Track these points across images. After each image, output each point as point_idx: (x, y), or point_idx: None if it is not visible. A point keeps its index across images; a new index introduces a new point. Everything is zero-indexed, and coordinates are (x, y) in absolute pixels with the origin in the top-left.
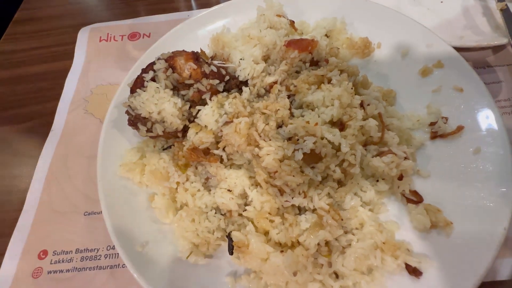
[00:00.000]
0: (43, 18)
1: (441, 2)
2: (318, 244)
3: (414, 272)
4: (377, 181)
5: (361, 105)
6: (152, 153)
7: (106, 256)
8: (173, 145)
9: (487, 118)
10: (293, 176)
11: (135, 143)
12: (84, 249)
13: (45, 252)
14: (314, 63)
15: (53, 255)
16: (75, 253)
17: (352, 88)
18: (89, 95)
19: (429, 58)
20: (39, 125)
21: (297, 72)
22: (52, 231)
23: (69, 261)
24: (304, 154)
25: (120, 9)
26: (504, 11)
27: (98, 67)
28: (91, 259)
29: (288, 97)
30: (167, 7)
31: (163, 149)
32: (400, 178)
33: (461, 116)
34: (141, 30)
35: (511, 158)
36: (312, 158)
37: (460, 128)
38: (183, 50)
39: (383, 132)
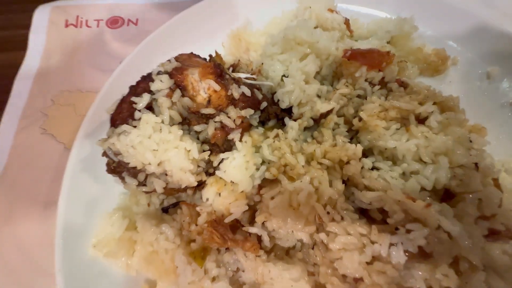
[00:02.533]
0: None
1: None
2: None
3: None
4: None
5: (476, 166)
6: (145, 220)
7: None
8: (179, 203)
9: None
10: None
11: (116, 195)
12: None
13: None
14: (383, 85)
15: None
16: None
17: (469, 140)
18: (49, 106)
19: None
20: None
21: (359, 96)
22: None
23: None
24: (408, 253)
25: None
26: None
27: (63, 64)
28: None
29: (348, 133)
30: None
31: (163, 210)
32: None
33: None
34: (125, 15)
35: None
36: (419, 257)
37: None
38: (192, 53)
39: (501, 203)
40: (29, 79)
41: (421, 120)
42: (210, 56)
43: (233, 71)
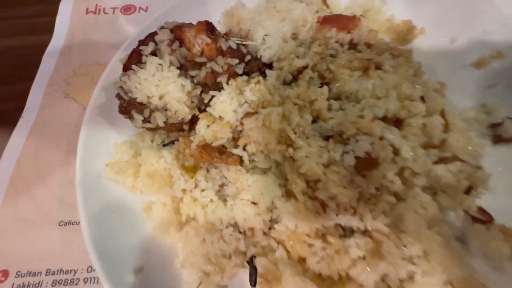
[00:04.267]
0: None
1: None
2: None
3: None
4: (435, 193)
5: (422, 98)
6: (149, 149)
7: (86, 280)
8: (177, 140)
9: None
10: (343, 187)
11: (126, 136)
12: (58, 271)
13: (5, 273)
14: (353, 47)
15: (16, 277)
16: (46, 275)
17: (414, 76)
18: (71, 76)
19: (486, 46)
20: (6, 110)
21: (332, 56)
22: (16, 246)
23: (37, 286)
24: (357, 158)
25: None
26: None
27: (84, 43)
28: (66, 283)
29: (321, 85)
30: None
31: (164, 145)
32: (467, 192)
33: None
34: (137, 3)
35: None
36: (366, 164)
37: None
38: (190, 23)
39: (447, 133)
40: (55, 55)
41: (379, 67)
42: (206, 20)
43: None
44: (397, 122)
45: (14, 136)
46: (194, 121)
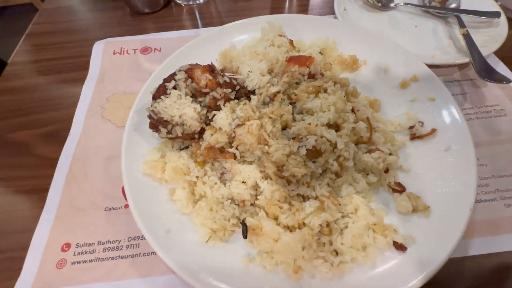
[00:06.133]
0: (56, 32)
1: (415, 27)
2: (321, 225)
3: (401, 247)
4: (367, 174)
5: (352, 110)
6: (171, 152)
7: (127, 246)
8: (191, 145)
9: (454, 122)
10: (299, 168)
11: (154, 143)
12: (106, 241)
13: (68, 245)
14: (311, 76)
15: (76, 247)
16: (97, 245)
17: (345, 97)
18: (105, 103)
19: (406, 73)
20: (58, 129)
21: (297, 83)
22: (74, 226)
23: (91, 252)
24: (307, 150)
25: (131, 25)
26: (465, 36)
27: (113, 77)
28: (113, 249)
29: (290, 104)
30: (175, 25)
31: (181, 149)
32: (386, 171)
33: (434, 120)
34: (152, 45)
35: (473, 154)
36: (314, 153)
37: (433, 130)
38: (197, 63)
39: (371, 133)
40: (91, 87)
41: (325, 91)
42: (209, 64)
43: (222, 72)
44: (336, 127)
45: (66, 148)
46: (202, 131)
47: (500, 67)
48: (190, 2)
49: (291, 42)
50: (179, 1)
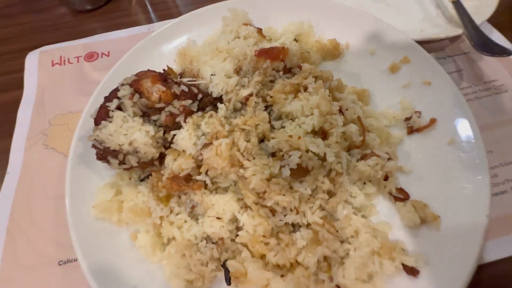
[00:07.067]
0: None
1: None
2: (317, 261)
3: (412, 271)
4: (364, 183)
5: (340, 110)
6: (128, 187)
7: None
8: (151, 174)
9: (456, 109)
10: (283, 194)
11: (107, 177)
12: None
13: None
14: (288, 70)
15: None
16: None
17: (329, 95)
18: (48, 128)
19: (395, 54)
20: None
21: (272, 81)
22: None
23: None
24: (291, 170)
25: (72, 27)
26: (455, 3)
27: (54, 95)
28: None
29: (266, 108)
30: (124, 22)
31: (141, 180)
32: (386, 178)
33: (433, 108)
34: (99, 49)
35: (482, 146)
36: (300, 172)
37: (433, 121)
38: (148, 70)
39: (364, 135)
40: (29, 110)
41: (306, 89)
42: (164, 70)
43: (180, 77)
44: (323, 134)
45: (4, 191)
46: (162, 156)
47: (495, 36)
48: None
49: (259, 31)
50: None
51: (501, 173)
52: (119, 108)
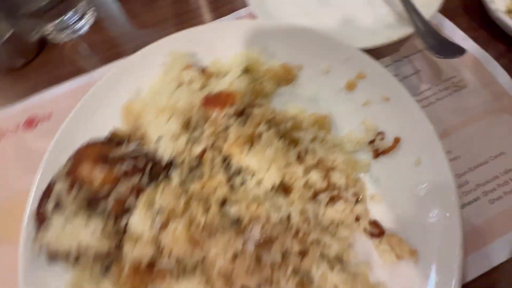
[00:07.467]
0: None
1: None
2: None
3: None
4: (337, 225)
5: (299, 156)
6: (90, 284)
7: None
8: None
9: (417, 125)
10: (252, 275)
11: (68, 273)
12: None
13: None
14: (240, 113)
15: None
16: None
17: (286, 145)
18: None
19: (350, 70)
20: None
21: (227, 128)
22: None
23: None
24: (256, 243)
25: (4, 90)
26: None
27: None
28: None
29: (224, 160)
30: (62, 73)
31: (105, 271)
32: (357, 219)
33: (395, 127)
34: (39, 112)
35: (448, 167)
36: (265, 243)
37: (397, 141)
38: (88, 143)
39: (329, 178)
40: None
41: (260, 136)
42: (110, 134)
43: (128, 142)
44: (284, 190)
45: None
46: (121, 245)
47: (448, 27)
48: (65, 37)
49: (203, 70)
50: (52, 40)
51: (471, 178)
52: (57, 205)
